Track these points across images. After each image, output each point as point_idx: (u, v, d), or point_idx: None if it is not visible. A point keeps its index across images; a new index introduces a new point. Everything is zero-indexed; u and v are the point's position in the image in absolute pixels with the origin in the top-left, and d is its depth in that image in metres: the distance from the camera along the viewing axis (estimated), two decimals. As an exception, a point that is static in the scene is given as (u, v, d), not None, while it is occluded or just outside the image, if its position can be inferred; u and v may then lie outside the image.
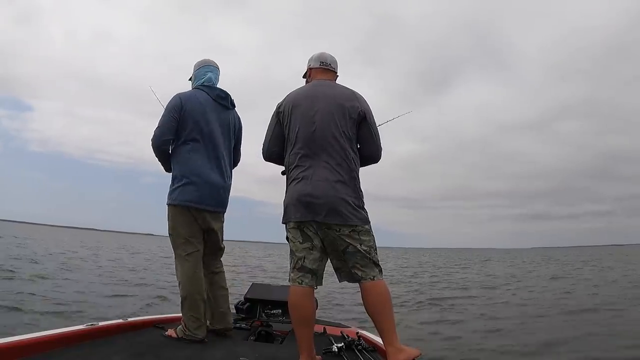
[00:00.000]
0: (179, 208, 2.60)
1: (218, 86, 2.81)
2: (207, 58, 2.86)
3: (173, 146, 2.68)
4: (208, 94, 2.70)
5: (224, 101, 2.75)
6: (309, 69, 2.45)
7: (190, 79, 2.87)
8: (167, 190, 2.67)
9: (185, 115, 2.60)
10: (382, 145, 2.32)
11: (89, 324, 2.43)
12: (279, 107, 2.34)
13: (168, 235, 2.68)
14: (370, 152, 2.30)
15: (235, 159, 2.91)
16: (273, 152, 2.36)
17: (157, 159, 2.70)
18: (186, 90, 2.74)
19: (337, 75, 2.48)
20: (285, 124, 2.29)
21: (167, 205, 2.65)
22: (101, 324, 2.50)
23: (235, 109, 2.86)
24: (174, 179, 2.65)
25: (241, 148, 2.97)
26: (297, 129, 2.22)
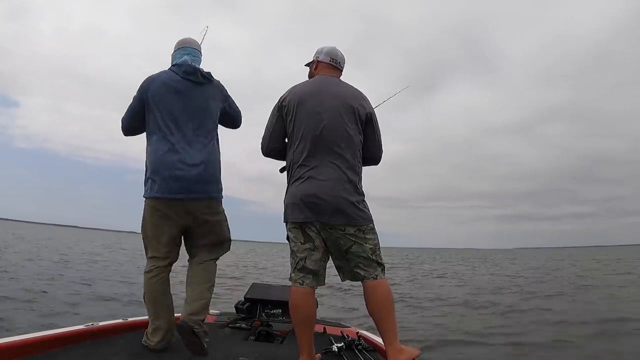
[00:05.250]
0: (148, 201, 2.34)
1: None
2: (186, 38, 2.53)
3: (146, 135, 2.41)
4: (176, 73, 2.38)
5: (192, 76, 2.37)
6: (317, 61, 2.35)
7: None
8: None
9: (148, 99, 2.34)
10: (383, 148, 2.29)
11: (89, 323, 2.41)
12: (281, 100, 2.23)
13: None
14: (373, 154, 2.28)
15: (235, 123, 2.63)
16: (274, 148, 2.27)
17: None
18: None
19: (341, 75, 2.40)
20: (288, 120, 2.19)
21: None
22: (101, 324, 2.48)
23: (212, 80, 2.47)
24: (145, 171, 2.37)
25: (235, 107, 2.60)
26: (302, 126, 2.14)
